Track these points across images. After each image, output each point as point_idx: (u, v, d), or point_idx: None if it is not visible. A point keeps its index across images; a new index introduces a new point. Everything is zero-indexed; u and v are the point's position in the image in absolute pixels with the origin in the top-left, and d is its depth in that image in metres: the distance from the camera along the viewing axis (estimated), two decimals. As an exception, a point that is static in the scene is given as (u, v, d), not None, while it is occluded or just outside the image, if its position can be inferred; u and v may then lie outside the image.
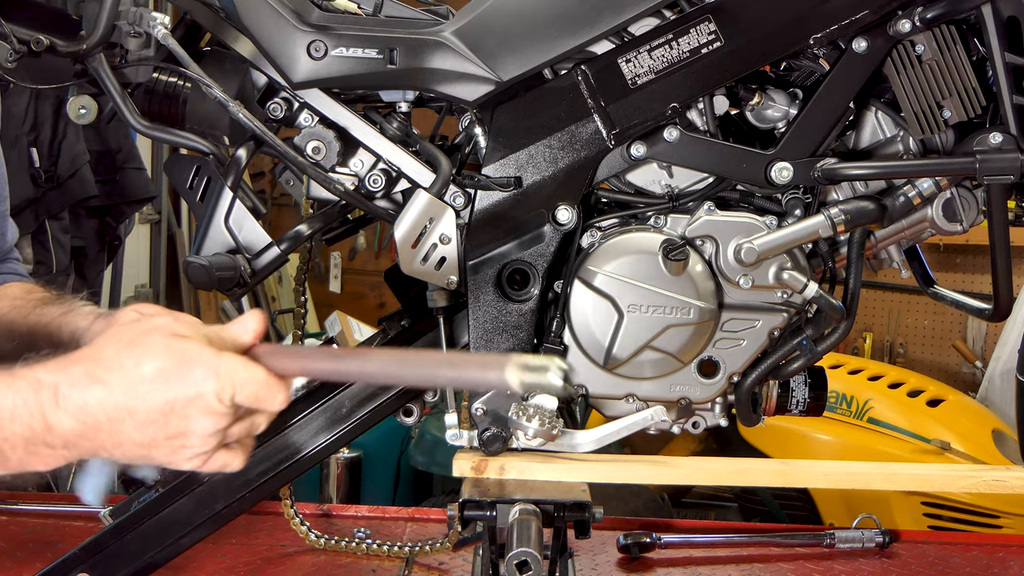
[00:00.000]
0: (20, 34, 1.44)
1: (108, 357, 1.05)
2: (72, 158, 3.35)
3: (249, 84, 1.59)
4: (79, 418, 1.02)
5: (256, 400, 1.06)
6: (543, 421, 1.50)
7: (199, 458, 1.07)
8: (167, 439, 1.04)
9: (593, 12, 1.55)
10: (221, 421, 1.04)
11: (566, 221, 1.58)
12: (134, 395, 1.02)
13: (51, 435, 1.02)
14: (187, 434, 1.04)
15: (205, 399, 1.03)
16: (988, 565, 2.00)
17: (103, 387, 1.02)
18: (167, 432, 1.04)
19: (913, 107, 1.56)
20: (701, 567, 1.97)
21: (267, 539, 2.02)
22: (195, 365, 1.04)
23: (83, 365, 1.04)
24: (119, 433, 1.03)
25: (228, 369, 1.04)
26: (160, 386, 1.03)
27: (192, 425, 1.04)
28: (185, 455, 1.06)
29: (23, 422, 1.01)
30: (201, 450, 1.06)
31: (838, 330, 1.61)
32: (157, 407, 1.03)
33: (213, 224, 1.53)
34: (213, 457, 1.08)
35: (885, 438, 3.20)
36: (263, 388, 1.06)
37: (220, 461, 1.09)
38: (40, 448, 1.03)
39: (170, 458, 1.06)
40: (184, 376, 1.03)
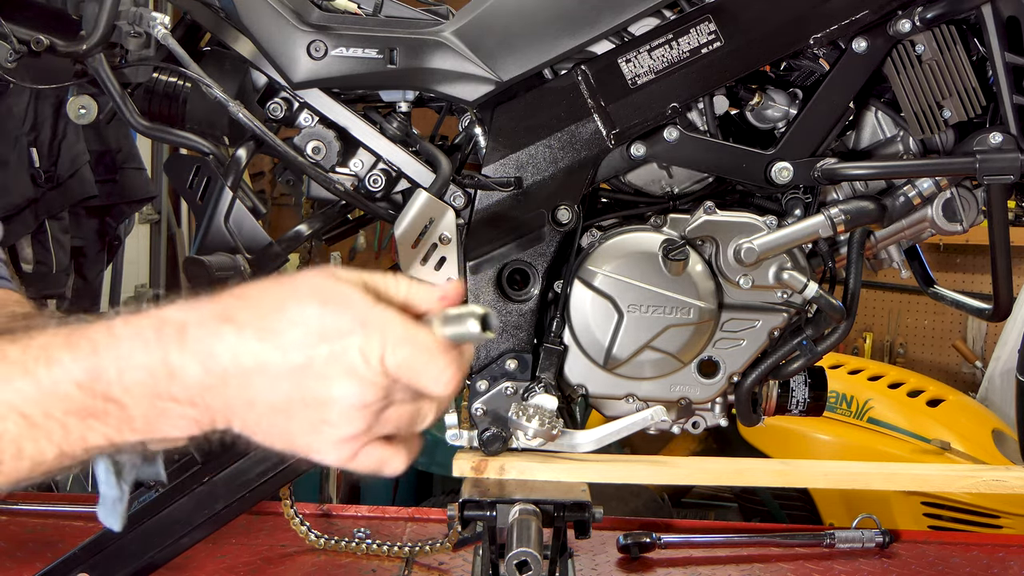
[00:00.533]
0: (20, 34, 1.44)
1: (250, 296, 0.87)
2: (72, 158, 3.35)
3: (249, 84, 1.59)
4: (205, 364, 0.84)
5: (412, 369, 0.83)
6: (543, 421, 1.50)
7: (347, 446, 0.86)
8: (305, 406, 0.84)
9: (593, 12, 1.55)
10: (368, 391, 0.83)
11: (566, 221, 1.58)
12: (268, 341, 0.83)
13: (175, 385, 0.84)
14: (327, 403, 0.83)
15: (348, 355, 0.82)
16: (988, 565, 2.00)
17: (235, 328, 0.84)
18: (303, 394, 0.83)
19: (913, 107, 1.56)
20: (701, 567, 1.96)
21: (267, 539, 2.02)
22: (342, 310, 0.84)
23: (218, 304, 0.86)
24: (250, 388, 0.84)
25: (380, 322, 0.83)
26: (299, 332, 0.83)
27: (333, 389, 0.83)
28: (328, 437, 0.85)
29: (144, 367, 0.84)
30: (347, 431, 0.85)
31: (838, 330, 1.61)
32: (292, 359, 0.83)
33: (213, 224, 1.53)
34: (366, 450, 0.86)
35: (885, 438, 3.21)
36: (423, 354, 0.83)
37: (375, 456, 0.87)
38: (166, 403, 0.85)
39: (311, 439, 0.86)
40: (327, 322, 0.83)
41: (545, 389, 1.55)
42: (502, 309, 1.59)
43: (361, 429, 0.85)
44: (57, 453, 0.86)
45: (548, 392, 1.54)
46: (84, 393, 0.84)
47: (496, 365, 1.60)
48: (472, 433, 1.58)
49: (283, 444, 0.88)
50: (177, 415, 0.86)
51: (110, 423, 0.86)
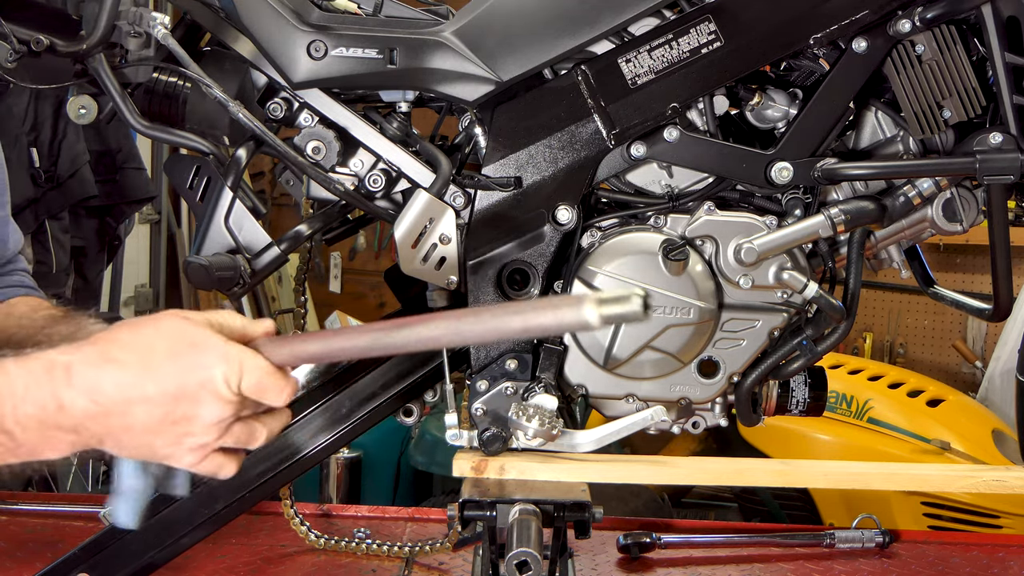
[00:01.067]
0: (20, 34, 1.44)
1: (122, 339, 1.05)
2: (72, 158, 3.35)
3: (249, 84, 1.59)
4: (92, 398, 1.01)
5: (261, 389, 1.06)
6: (543, 421, 1.50)
7: (198, 452, 1.06)
8: (173, 424, 1.03)
9: (593, 12, 1.55)
10: (226, 409, 1.04)
11: (566, 221, 1.58)
12: (147, 376, 1.02)
13: (63, 416, 1.01)
14: (193, 420, 1.03)
15: (215, 383, 1.03)
16: (988, 565, 2.00)
17: (117, 366, 1.02)
18: (175, 416, 1.03)
19: (913, 107, 1.56)
20: (701, 567, 1.97)
21: (267, 539, 2.02)
22: (206, 349, 1.04)
23: (97, 346, 1.04)
24: (129, 415, 1.02)
25: (236, 356, 1.05)
26: (173, 367, 1.03)
27: (199, 410, 1.03)
28: (186, 445, 1.05)
29: (36, 402, 1.00)
30: (202, 441, 1.05)
31: (838, 330, 1.61)
32: (168, 388, 1.02)
33: (213, 224, 1.53)
34: (210, 456, 1.07)
35: (885, 438, 3.20)
36: (268, 378, 1.06)
37: (216, 462, 1.08)
38: (52, 432, 1.01)
39: (171, 449, 1.05)
40: (195, 359, 1.03)
41: (545, 389, 1.55)
42: (502, 309, 1.59)
43: (213, 439, 1.06)
44: None
45: (548, 392, 1.54)
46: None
47: (496, 365, 1.60)
48: (472, 433, 1.58)
49: (145, 455, 1.07)
50: (59, 440, 1.03)
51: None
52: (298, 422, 1.63)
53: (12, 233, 1.66)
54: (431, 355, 1.63)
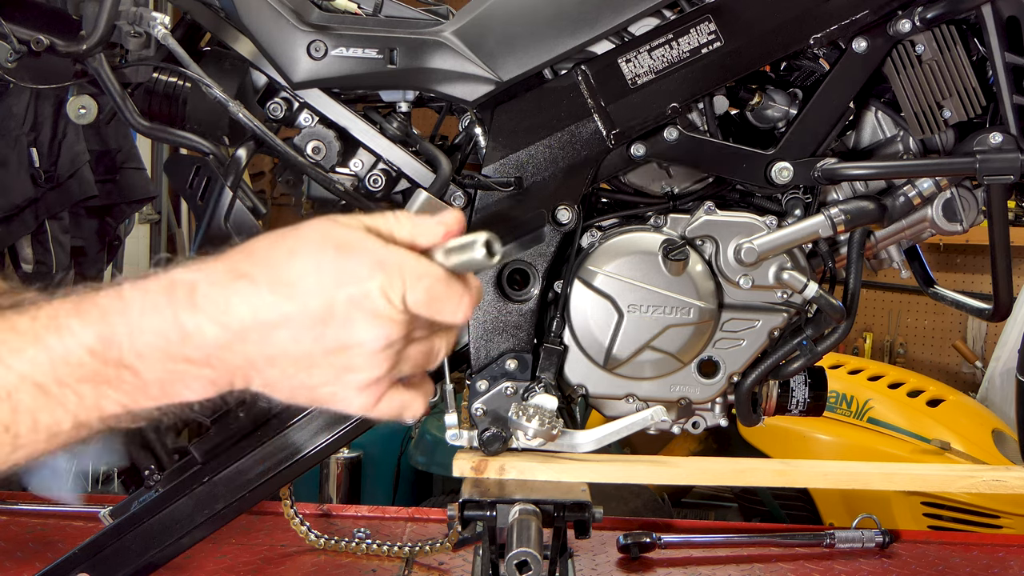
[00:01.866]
0: (20, 34, 1.44)
1: (258, 250, 0.87)
2: (72, 158, 3.35)
3: (249, 84, 1.59)
4: (221, 322, 0.83)
5: (433, 302, 0.85)
6: (543, 421, 1.50)
7: (371, 391, 0.87)
8: (328, 354, 0.84)
9: (593, 12, 1.55)
10: (392, 330, 0.84)
11: (566, 221, 1.58)
12: (286, 293, 0.84)
13: (190, 346, 0.84)
14: (351, 348, 0.84)
15: (370, 298, 0.83)
16: (988, 565, 2.00)
17: (249, 283, 0.84)
18: (326, 344, 0.84)
19: (913, 107, 1.56)
20: (701, 567, 1.97)
21: (267, 539, 2.02)
22: (357, 254, 0.84)
23: (227, 262, 0.86)
24: (270, 343, 0.84)
25: (397, 261, 0.85)
26: (316, 280, 0.84)
27: (356, 334, 0.84)
28: (353, 383, 0.86)
29: (155, 330, 0.83)
30: (371, 375, 0.86)
31: (838, 330, 1.61)
32: (312, 308, 0.83)
33: (213, 224, 1.53)
34: (388, 394, 0.88)
35: (885, 438, 3.21)
36: (441, 286, 0.85)
37: (397, 401, 0.89)
38: (181, 366, 0.84)
39: (335, 388, 0.86)
40: (344, 268, 0.84)
41: (545, 389, 1.55)
42: (502, 309, 1.59)
43: (384, 371, 0.86)
44: (73, 423, 0.85)
45: (548, 392, 1.54)
46: (96, 360, 0.84)
47: (496, 365, 1.60)
48: (472, 433, 1.58)
49: (305, 397, 0.88)
50: (193, 377, 0.85)
51: (124, 389, 0.85)
52: (298, 422, 1.63)
53: None
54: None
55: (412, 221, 0.89)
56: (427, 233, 0.89)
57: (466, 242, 0.87)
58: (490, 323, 1.59)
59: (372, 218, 0.90)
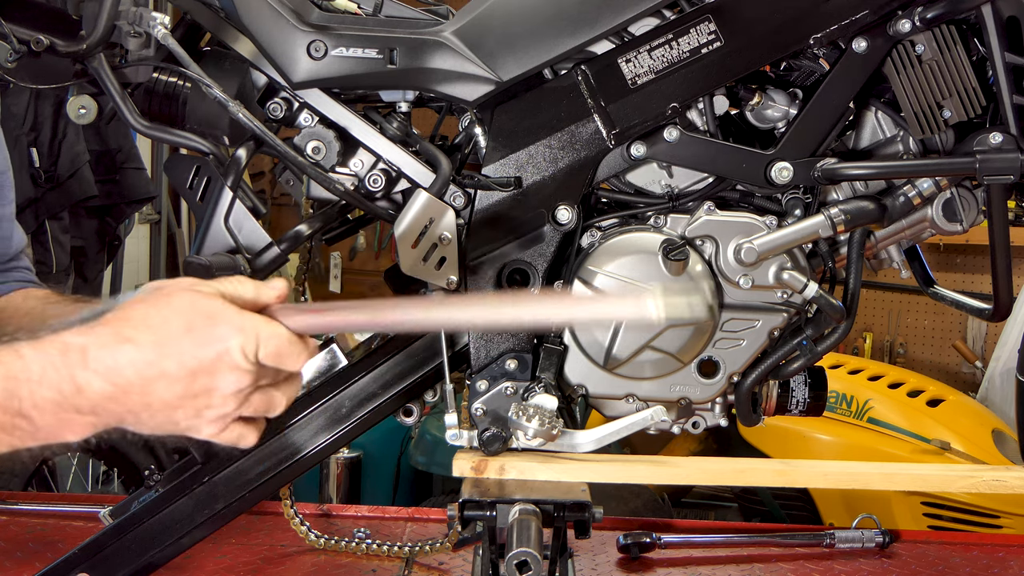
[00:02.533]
0: (20, 34, 1.44)
1: (136, 316, 1.04)
2: (72, 158, 3.36)
3: (249, 84, 1.59)
4: (109, 379, 1.01)
5: (279, 357, 1.06)
6: (543, 421, 1.50)
7: (218, 423, 1.07)
8: (193, 398, 1.04)
9: (593, 12, 1.55)
10: (244, 379, 1.05)
11: (566, 221, 1.58)
12: (164, 352, 1.02)
13: (80, 398, 1.00)
14: (212, 392, 1.04)
15: (231, 355, 1.03)
16: (988, 565, 2.00)
17: (133, 346, 1.02)
18: (194, 389, 1.04)
19: (913, 107, 1.56)
20: (701, 567, 1.96)
21: (267, 539, 2.02)
22: (221, 321, 1.04)
23: (111, 326, 1.03)
24: (148, 394, 1.02)
25: (251, 325, 1.05)
26: (189, 342, 1.03)
27: (217, 382, 1.04)
28: (207, 417, 1.06)
29: (52, 385, 0.99)
30: (222, 411, 1.06)
31: (838, 330, 1.61)
32: (187, 363, 1.03)
33: (213, 224, 1.53)
34: (230, 427, 1.08)
35: (885, 438, 3.21)
36: (285, 344, 1.06)
37: (236, 432, 1.09)
38: (70, 414, 1.01)
39: (192, 421, 1.06)
40: (211, 332, 1.03)
41: (545, 389, 1.55)
42: (502, 309, 1.59)
43: (232, 408, 1.06)
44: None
45: (548, 392, 1.54)
46: None
47: (496, 365, 1.60)
48: (472, 433, 1.58)
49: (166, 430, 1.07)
50: (78, 423, 1.02)
51: (16, 435, 1.00)
52: (298, 422, 1.63)
53: (16, 231, 1.68)
54: (431, 355, 1.63)
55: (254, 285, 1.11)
56: (265, 295, 1.11)
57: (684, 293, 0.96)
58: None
59: (221, 283, 1.10)
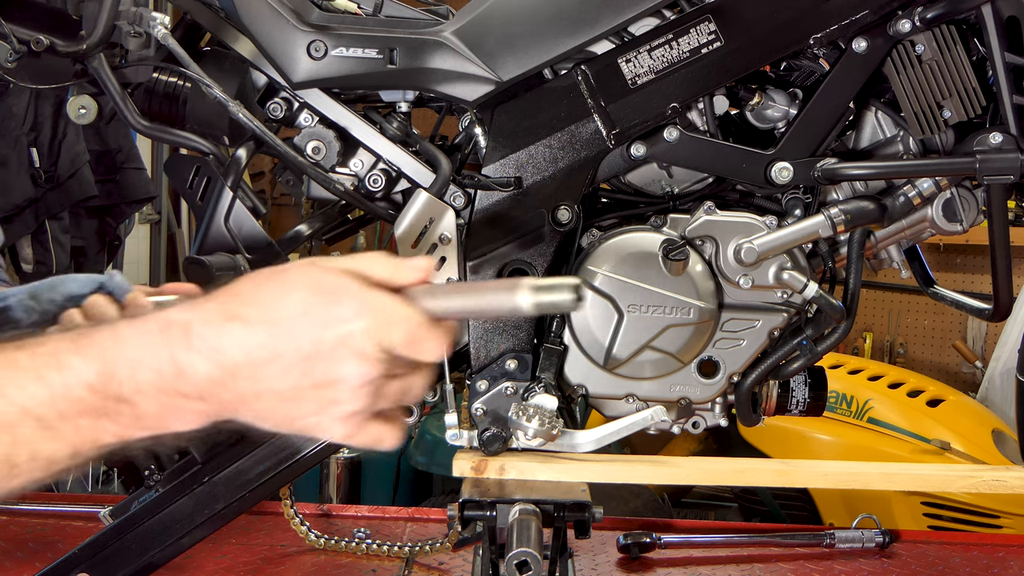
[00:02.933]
0: (20, 34, 1.44)
1: (247, 292, 0.92)
2: (72, 158, 3.36)
3: (249, 84, 1.59)
4: (214, 360, 0.89)
5: (412, 344, 0.91)
6: (543, 421, 1.50)
7: (351, 421, 0.92)
8: (314, 388, 0.90)
9: (593, 12, 1.55)
10: (373, 369, 0.90)
11: (566, 221, 1.58)
12: (276, 332, 0.89)
13: (184, 382, 0.89)
14: (335, 383, 0.90)
15: (355, 339, 0.89)
16: (988, 565, 2.00)
17: (242, 324, 0.89)
18: (313, 379, 0.90)
19: (913, 107, 1.56)
20: (701, 567, 1.97)
21: (267, 539, 2.02)
22: (343, 299, 0.90)
23: (217, 302, 0.92)
24: (260, 380, 0.90)
25: (380, 306, 0.90)
26: (305, 322, 0.89)
27: (341, 370, 0.89)
28: (335, 414, 0.92)
29: (151, 366, 0.89)
30: (353, 407, 0.91)
31: (838, 330, 1.61)
32: (302, 347, 0.89)
33: (213, 224, 1.53)
34: (366, 426, 0.93)
35: (885, 438, 3.21)
36: (420, 330, 0.91)
37: (374, 432, 0.94)
38: (175, 400, 0.90)
39: (318, 418, 0.92)
40: (331, 311, 0.90)
41: (545, 389, 1.55)
42: (502, 309, 1.59)
43: (365, 404, 0.92)
44: (70, 453, 0.90)
45: (548, 392, 1.54)
46: (96, 395, 0.89)
47: (496, 365, 1.60)
48: (472, 433, 1.58)
49: (290, 427, 0.94)
50: (185, 410, 0.91)
51: (121, 422, 0.90)
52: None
53: None
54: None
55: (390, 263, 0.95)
56: (403, 275, 0.95)
57: (556, 284, 0.92)
58: (490, 323, 1.59)
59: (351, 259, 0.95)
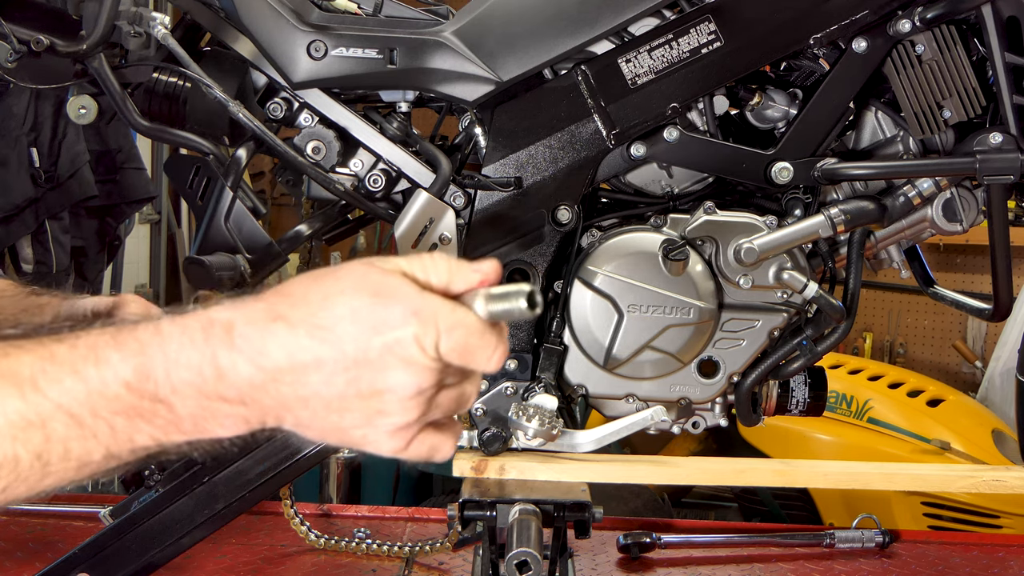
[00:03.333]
0: (20, 34, 1.44)
1: (295, 293, 0.87)
2: (72, 158, 3.36)
3: (249, 84, 1.59)
4: (257, 362, 0.84)
5: (466, 352, 0.85)
6: (543, 421, 1.50)
7: (401, 434, 0.87)
8: (360, 398, 0.85)
9: (593, 12, 1.55)
10: (424, 377, 0.84)
11: (566, 221, 1.58)
12: (322, 337, 0.84)
13: (224, 384, 0.84)
14: (384, 393, 0.84)
15: (404, 345, 0.83)
16: (988, 565, 2.00)
17: (286, 325, 0.84)
18: (360, 388, 0.84)
19: (913, 107, 1.56)
20: (701, 567, 1.96)
21: (267, 539, 2.02)
22: (394, 302, 0.85)
23: (264, 302, 0.86)
24: (304, 385, 0.84)
25: (432, 310, 0.85)
26: (352, 326, 0.84)
27: (389, 380, 0.84)
28: (384, 427, 0.86)
29: (191, 366, 0.84)
30: (403, 420, 0.86)
31: (838, 330, 1.61)
32: (348, 353, 0.84)
33: (213, 224, 1.53)
34: (419, 437, 0.88)
35: (885, 438, 3.21)
36: (475, 336, 0.85)
37: (428, 444, 0.89)
38: (215, 403, 0.85)
39: (366, 431, 0.86)
40: (380, 315, 0.84)
41: (545, 389, 1.55)
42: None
43: (416, 416, 0.86)
44: (104, 454, 0.86)
45: (548, 392, 1.54)
46: (132, 393, 0.84)
47: (496, 365, 1.60)
48: (472, 433, 1.58)
49: (336, 438, 0.88)
50: (226, 414, 0.86)
51: (157, 424, 0.86)
52: (298, 422, 1.63)
53: None
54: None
55: (448, 266, 0.89)
56: (463, 279, 0.89)
57: (509, 291, 0.87)
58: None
59: (408, 260, 0.89)
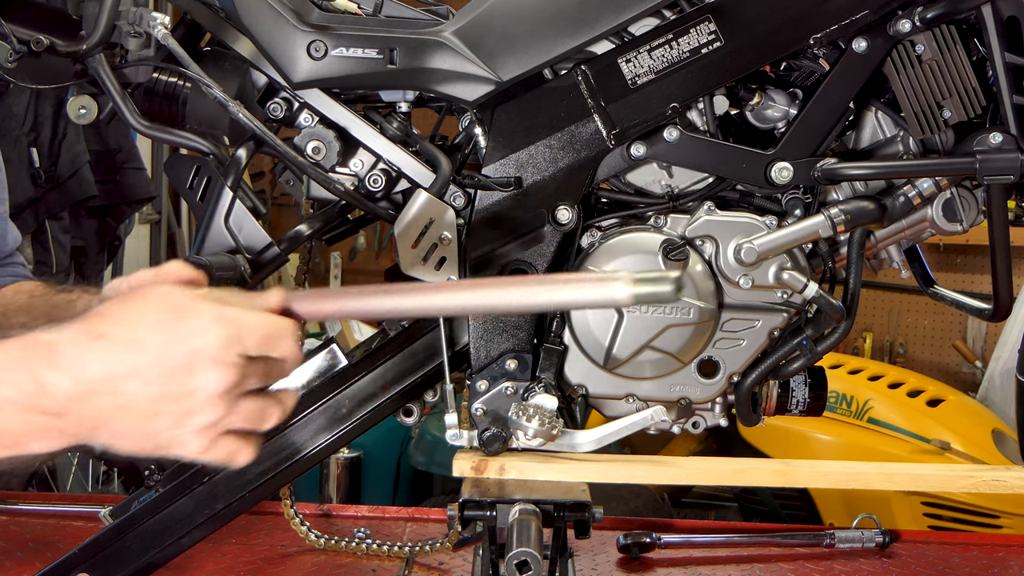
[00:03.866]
0: (20, 34, 1.44)
1: (111, 313, 0.96)
2: (72, 158, 3.36)
3: (249, 84, 1.59)
4: (76, 377, 0.92)
5: (266, 342, 0.97)
6: (543, 421, 1.50)
7: (205, 434, 0.96)
8: (172, 400, 0.94)
9: (593, 12, 1.55)
10: (228, 375, 0.95)
11: (566, 221, 1.58)
12: (137, 349, 0.93)
13: (45, 399, 0.92)
14: (192, 394, 0.94)
15: (209, 348, 0.94)
16: (988, 565, 2.00)
17: (105, 342, 0.93)
18: (172, 390, 0.94)
19: (913, 107, 1.56)
20: (701, 567, 1.97)
21: (267, 539, 2.02)
22: (198, 313, 0.95)
23: (84, 323, 0.96)
24: (119, 393, 0.93)
25: (232, 315, 0.96)
26: (163, 337, 0.94)
27: (198, 381, 0.94)
28: (192, 426, 0.95)
29: (14, 383, 0.91)
30: (208, 419, 0.95)
31: (838, 330, 1.61)
32: (159, 358, 0.93)
33: (213, 224, 1.53)
34: (220, 440, 0.97)
35: (885, 438, 3.21)
36: (271, 327, 0.97)
37: (228, 447, 0.98)
38: (35, 417, 0.92)
39: (175, 432, 0.95)
40: (188, 325, 0.94)
41: (545, 389, 1.55)
42: (502, 309, 1.59)
43: (219, 415, 0.96)
44: None
45: (548, 392, 1.54)
46: None
47: (496, 365, 1.60)
48: (472, 433, 1.58)
49: (148, 445, 0.97)
50: (45, 428, 0.93)
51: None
52: (298, 422, 1.63)
53: (11, 230, 1.68)
54: (431, 355, 1.63)
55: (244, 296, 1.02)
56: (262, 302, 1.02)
57: (657, 276, 0.96)
58: (490, 323, 1.59)
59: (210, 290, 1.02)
